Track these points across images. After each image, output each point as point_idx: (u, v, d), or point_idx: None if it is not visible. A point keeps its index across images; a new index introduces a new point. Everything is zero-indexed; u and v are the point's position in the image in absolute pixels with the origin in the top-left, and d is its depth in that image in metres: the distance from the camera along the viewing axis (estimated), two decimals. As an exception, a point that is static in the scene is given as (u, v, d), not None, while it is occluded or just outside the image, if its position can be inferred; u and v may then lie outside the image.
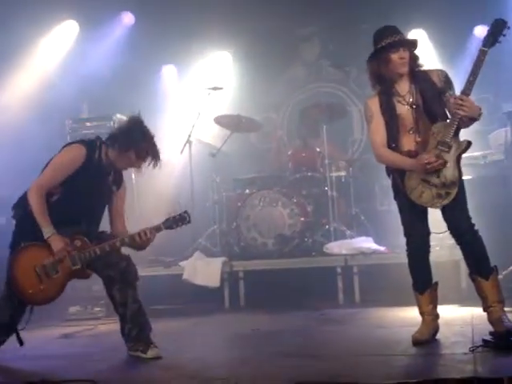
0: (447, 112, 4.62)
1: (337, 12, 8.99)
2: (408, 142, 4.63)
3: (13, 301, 4.87)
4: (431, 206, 4.61)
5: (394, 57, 4.60)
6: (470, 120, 4.46)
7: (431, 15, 8.43)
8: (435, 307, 4.77)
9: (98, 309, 7.10)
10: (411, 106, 4.63)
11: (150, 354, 4.74)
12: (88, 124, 8.12)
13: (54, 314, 6.73)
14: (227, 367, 4.42)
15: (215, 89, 8.26)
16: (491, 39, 4.41)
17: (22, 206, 4.89)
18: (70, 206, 4.83)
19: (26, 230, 4.85)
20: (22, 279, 4.79)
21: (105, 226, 5.12)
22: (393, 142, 4.65)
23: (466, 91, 4.40)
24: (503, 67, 7.74)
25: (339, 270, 7.11)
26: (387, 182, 5.14)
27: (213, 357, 4.88)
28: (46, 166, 4.90)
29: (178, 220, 4.84)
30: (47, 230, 4.73)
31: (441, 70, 4.76)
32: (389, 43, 4.58)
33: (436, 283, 4.78)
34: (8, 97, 8.29)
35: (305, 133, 8.97)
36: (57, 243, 4.73)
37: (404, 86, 4.68)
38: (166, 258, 7.77)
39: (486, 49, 4.40)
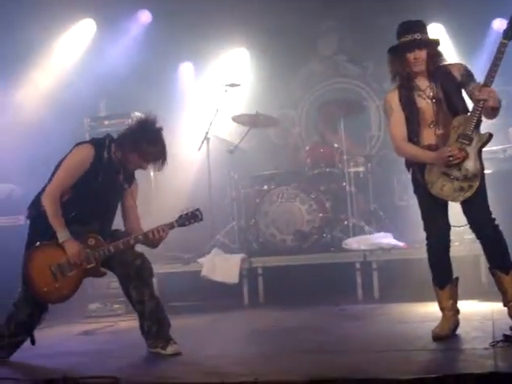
0: (467, 105, 4.60)
1: (353, 7, 8.94)
2: (428, 135, 4.61)
3: (29, 300, 4.89)
4: (453, 200, 4.57)
5: (409, 56, 4.57)
6: (492, 110, 4.43)
7: (449, 9, 8.37)
8: (455, 302, 4.73)
9: (118, 306, 7.14)
10: (432, 100, 4.60)
11: (170, 350, 4.75)
12: (106, 122, 8.13)
13: (74, 312, 6.76)
14: (246, 363, 4.41)
15: (232, 85, 8.26)
16: (511, 32, 4.39)
17: (35, 207, 4.91)
18: (81, 205, 4.83)
19: (40, 230, 4.86)
20: (37, 278, 4.80)
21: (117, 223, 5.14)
22: (413, 135, 4.62)
23: (487, 83, 4.38)
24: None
25: (358, 265, 7.10)
26: (406, 177, 5.11)
27: (232, 353, 4.88)
28: (57, 167, 4.90)
29: (190, 217, 4.84)
30: (62, 235, 4.75)
31: (461, 64, 4.73)
32: (404, 43, 4.56)
33: (456, 278, 4.74)
34: (26, 95, 8.33)
35: (322, 129, 8.94)
36: (71, 248, 4.74)
37: (424, 81, 4.64)
38: (184, 254, 7.78)
39: (506, 41, 4.40)
